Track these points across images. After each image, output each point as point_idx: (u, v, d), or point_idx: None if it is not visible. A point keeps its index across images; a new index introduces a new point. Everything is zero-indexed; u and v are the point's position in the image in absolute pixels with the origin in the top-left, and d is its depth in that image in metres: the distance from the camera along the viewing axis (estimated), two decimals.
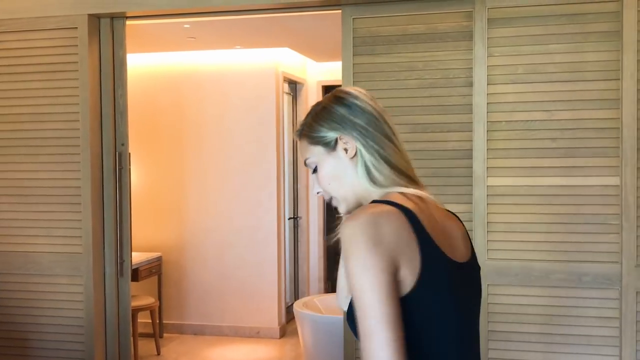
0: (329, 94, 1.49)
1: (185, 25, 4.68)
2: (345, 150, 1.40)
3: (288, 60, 5.99)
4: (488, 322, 3.37)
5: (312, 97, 6.63)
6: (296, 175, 6.56)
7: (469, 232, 3.29)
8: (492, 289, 3.36)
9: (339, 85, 6.77)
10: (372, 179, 1.38)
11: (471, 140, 3.41)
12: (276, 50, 5.71)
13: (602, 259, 3.29)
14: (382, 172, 1.37)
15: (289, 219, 6.30)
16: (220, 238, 5.77)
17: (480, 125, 3.38)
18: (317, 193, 1.50)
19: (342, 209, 1.46)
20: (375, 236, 1.22)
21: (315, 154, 1.44)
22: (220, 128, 5.77)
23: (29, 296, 3.88)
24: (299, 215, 6.57)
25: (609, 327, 3.28)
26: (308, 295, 6.48)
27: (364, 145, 1.38)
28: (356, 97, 1.42)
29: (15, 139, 3.89)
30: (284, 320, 5.87)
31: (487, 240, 3.36)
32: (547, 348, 3.34)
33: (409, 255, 1.25)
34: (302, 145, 1.47)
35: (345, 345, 3.59)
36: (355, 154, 1.39)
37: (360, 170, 1.38)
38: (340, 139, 1.40)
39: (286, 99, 6.26)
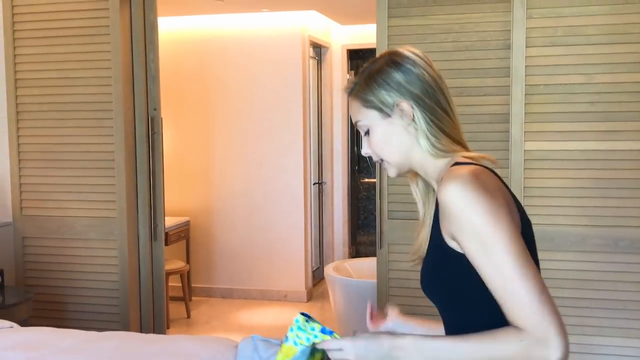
0: (384, 54, 1.45)
1: None
2: (402, 117, 1.38)
3: (313, 24, 5.93)
4: None
5: (336, 61, 6.57)
6: (321, 140, 6.55)
7: None
8: None
9: (365, 50, 6.66)
10: (431, 146, 1.38)
11: (508, 104, 3.37)
12: (302, 14, 5.65)
13: (638, 223, 3.26)
14: (440, 140, 1.38)
15: (314, 184, 6.31)
16: (247, 202, 5.80)
17: (518, 89, 3.34)
18: (365, 154, 1.47)
19: (392, 173, 1.45)
20: (487, 188, 1.25)
21: (369, 117, 1.41)
22: (246, 92, 5.75)
23: (65, 260, 3.93)
24: (323, 180, 6.57)
25: None
26: (333, 259, 6.51)
27: (421, 114, 1.37)
28: (414, 63, 1.40)
29: (47, 103, 3.89)
30: (310, 283, 5.92)
31: (524, 205, 3.34)
32: (583, 312, 3.34)
33: (512, 209, 1.28)
34: (354, 106, 1.44)
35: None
36: (413, 120, 1.38)
37: (420, 138, 1.38)
38: (397, 105, 1.38)
39: (311, 63, 6.21)
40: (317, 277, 6.25)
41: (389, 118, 1.39)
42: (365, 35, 6.05)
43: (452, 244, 1.31)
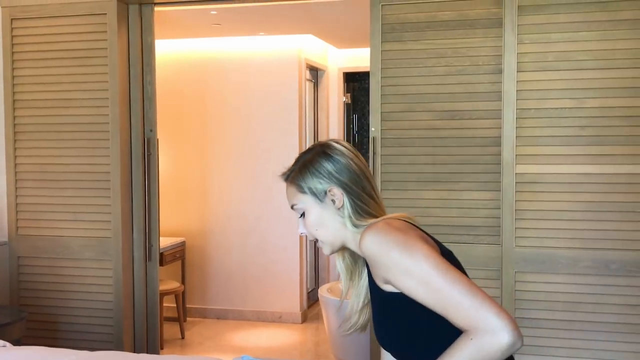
0: (316, 145, 1.65)
1: (212, 12, 4.69)
2: (333, 201, 1.56)
3: (310, 47, 5.99)
4: (515, 309, 3.39)
5: (333, 83, 6.64)
6: None
7: (496, 219, 3.35)
8: (520, 276, 3.38)
9: (360, 72, 6.69)
10: (354, 227, 1.55)
11: (500, 128, 3.41)
12: (299, 37, 5.71)
13: (629, 246, 3.29)
14: (365, 220, 1.54)
15: None
16: (242, 224, 5.82)
17: (510, 113, 3.38)
18: (301, 234, 1.65)
19: (326, 251, 1.62)
20: (398, 229, 1.44)
21: (303, 201, 1.59)
22: (243, 114, 5.80)
23: (59, 280, 3.94)
24: None
25: (636, 315, 3.29)
26: (328, 281, 6.52)
27: (348, 200, 1.55)
28: (342, 154, 1.58)
29: (44, 124, 3.93)
30: (305, 305, 5.92)
31: (515, 228, 3.37)
32: (575, 335, 3.36)
33: (427, 240, 1.48)
34: (290, 191, 1.63)
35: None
36: (342, 205, 1.55)
37: (347, 220, 1.55)
38: (329, 191, 1.56)
39: (308, 86, 6.27)
40: (312, 298, 6.25)
41: (321, 203, 1.57)
42: (361, 58, 6.11)
43: (387, 287, 1.45)
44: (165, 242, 5.28)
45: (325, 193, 1.56)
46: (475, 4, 3.43)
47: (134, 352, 3.91)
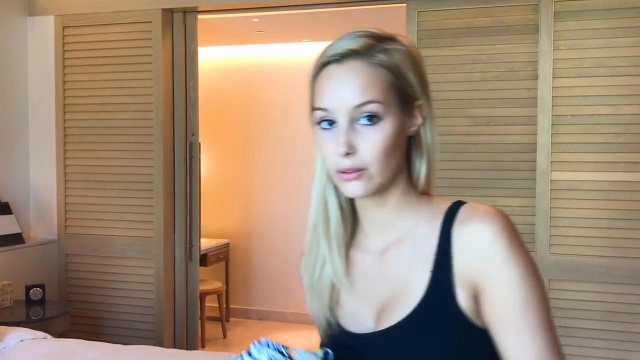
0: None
1: (254, 19, 4.80)
2: (414, 121, 1.01)
3: None
4: None
5: None
6: None
7: (530, 226, 3.32)
8: (554, 284, 3.35)
9: None
10: (426, 181, 1.04)
11: (535, 134, 3.39)
12: None
13: None
14: (430, 187, 1.05)
15: None
16: (285, 227, 5.90)
17: (545, 119, 3.36)
18: (343, 153, 0.96)
19: (364, 190, 0.98)
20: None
21: (387, 101, 0.97)
22: (285, 119, 5.89)
23: (104, 277, 4.10)
24: None
25: None
26: None
27: (429, 127, 1.02)
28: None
29: (92, 127, 4.10)
30: None
31: (550, 235, 3.35)
32: (609, 345, 3.31)
33: None
34: (372, 75, 0.97)
35: None
36: (417, 132, 1.02)
37: (421, 162, 1.03)
38: (418, 106, 1.01)
39: None
40: None
41: (406, 115, 1.00)
42: None
43: (468, 310, 0.96)
44: (209, 243, 5.40)
45: (413, 106, 1.00)
46: (512, 10, 3.43)
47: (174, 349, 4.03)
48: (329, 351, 1.00)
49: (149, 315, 4.01)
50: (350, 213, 1.08)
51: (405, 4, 3.62)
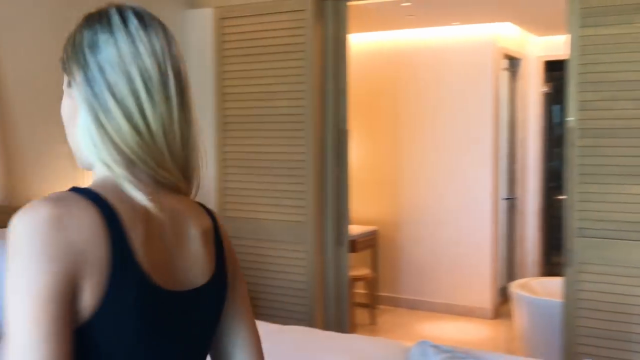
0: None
1: (405, 4, 4.74)
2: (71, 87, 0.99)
3: (507, 35, 5.82)
4: None
5: (532, 73, 6.39)
6: (513, 155, 6.39)
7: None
8: None
9: (562, 61, 6.35)
10: (91, 144, 0.94)
11: None
12: (494, 25, 5.58)
13: None
14: (106, 141, 0.93)
15: (504, 199, 6.17)
16: (434, 215, 5.82)
17: None
18: None
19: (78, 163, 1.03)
20: (52, 243, 0.82)
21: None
22: (436, 105, 5.79)
23: (259, 259, 4.24)
24: (514, 196, 6.40)
25: None
26: (523, 278, 6.30)
27: (92, 92, 0.94)
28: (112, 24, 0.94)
29: (248, 115, 4.24)
30: (496, 301, 5.79)
31: None
32: None
33: (93, 270, 0.85)
34: None
35: (563, 329, 3.47)
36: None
37: (82, 124, 0.95)
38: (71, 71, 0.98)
39: (504, 76, 6.10)
40: (505, 295, 6.09)
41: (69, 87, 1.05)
42: (562, 46, 5.82)
43: None
44: (358, 229, 5.44)
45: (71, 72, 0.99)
46: None
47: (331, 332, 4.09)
48: None
49: (302, 298, 4.11)
50: None
51: None
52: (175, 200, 0.98)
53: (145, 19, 0.95)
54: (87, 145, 0.94)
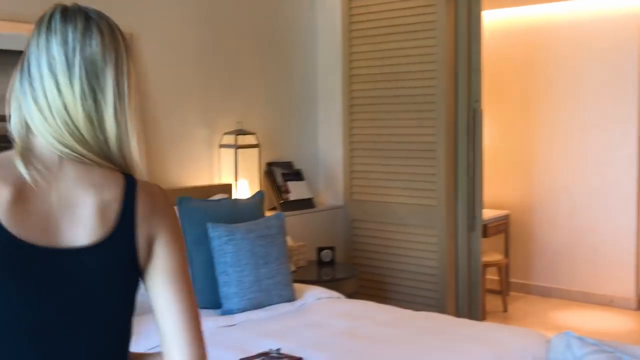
0: None
1: None
2: None
3: None
4: None
5: None
6: None
7: None
8: None
9: None
10: (13, 120, 1.11)
11: None
12: None
13: None
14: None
15: None
16: (571, 199, 5.52)
17: None
18: None
19: None
20: None
21: None
22: (573, 83, 5.47)
23: (387, 243, 4.20)
24: None
25: None
26: None
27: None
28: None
29: (376, 97, 4.19)
30: None
31: None
32: None
33: None
34: None
35: None
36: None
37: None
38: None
39: None
40: None
41: None
42: None
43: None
44: (488, 214, 5.26)
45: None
46: None
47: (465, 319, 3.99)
48: None
49: (432, 284, 4.02)
50: None
51: None
52: (84, 171, 1.08)
53: (69, 16, 1.09)
54: (12, 121, 1.11)
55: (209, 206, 3.06)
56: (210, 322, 2.68)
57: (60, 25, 1.09)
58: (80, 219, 1.06)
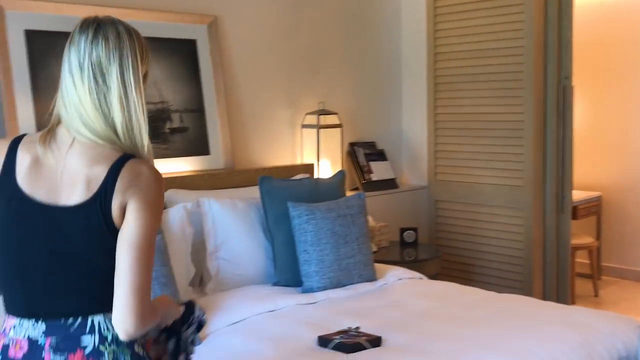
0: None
1: None
2: None
3: None
4: None
5: None
6: None
7: None
8: None
9: None
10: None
11: None
12: None
13: None
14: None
15: None
16: None
17: None
18: None
19: None
20: None
21: None
22: None
23: (472, 224, 4.12)
24: None
25: None
26: None
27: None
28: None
29: (461, 74, 4.09)
30: None
31: None
32: None
33: None
34: None
35: None
36: None
37: None
38: None
39: None
40: None
41: None
42: None
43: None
44: (578, 195, 5.06)
45: None
46: None
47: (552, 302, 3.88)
48: None
49: (518, 266, 3.92)
50: None
51: None
52: (87, 150, 1.38)
53: (83, 28, 1.40)
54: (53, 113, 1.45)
55: (290, 185, 3.09)
56: (290, 299, 2.72)
57: (77, 36, 1.39)
58: (74, 186, 1.36)
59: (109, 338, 1.35)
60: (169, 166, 3.20)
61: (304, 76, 3.89)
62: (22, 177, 1.37)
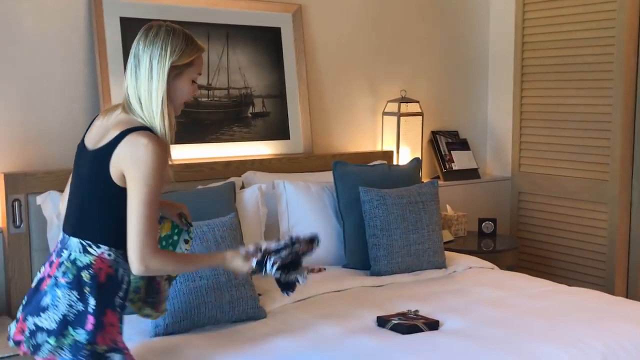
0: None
1: None
2: None
3: None
4: None
5: None
6: None
7: None
8: None
9: None
10: None
11: None
12: None
13: None
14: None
15: None
16: None
17: None
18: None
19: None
20: None
21: None
22: None
23: (554, 217, 4.04)
24: None
25: None
26: None
27: None
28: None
29: (550, 65, 4.01)
30: None
31: None
32: None
33: None
34: None
35: None
36: None
37: None
38: None
39: None
40: None
41: None
42: None
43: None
44: None
45: None
46: None
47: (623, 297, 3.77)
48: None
49: (600, 262, 3.83)
50: None
51: None
52: (120, 119, 1.83)
53: (143, 30, 1.86)
54: None
55: (363, 171, 3.16)
56: (358, 281, 2.80)
57: (137, 35, 1.86)
58: (101, 139, 1.82)
59: (72, 257, 1.79)
60: (250, 149, 3.35)
61: (386, 64, 3.93)
62: (87, 133, 1.91)
